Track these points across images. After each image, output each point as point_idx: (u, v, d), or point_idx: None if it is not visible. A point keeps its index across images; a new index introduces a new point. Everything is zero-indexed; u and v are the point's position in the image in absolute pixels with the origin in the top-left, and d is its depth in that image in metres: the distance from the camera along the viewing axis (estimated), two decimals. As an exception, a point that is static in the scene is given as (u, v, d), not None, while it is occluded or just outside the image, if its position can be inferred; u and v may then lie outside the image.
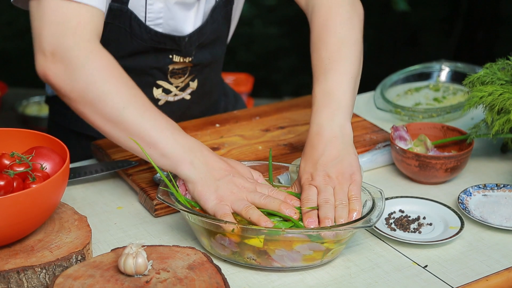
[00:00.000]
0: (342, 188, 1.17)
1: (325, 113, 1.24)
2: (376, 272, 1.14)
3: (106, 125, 1.19)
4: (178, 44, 1.47)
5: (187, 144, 1.18)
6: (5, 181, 1.06)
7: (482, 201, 1.32)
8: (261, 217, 1.12)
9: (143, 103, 1.20)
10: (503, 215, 1.27)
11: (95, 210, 1.30)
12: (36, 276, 1.05)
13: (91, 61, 1.19)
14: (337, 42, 1.30)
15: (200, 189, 1.17)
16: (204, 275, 1.03)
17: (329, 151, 1.21)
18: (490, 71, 1.44)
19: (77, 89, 1.19)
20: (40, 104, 3.65)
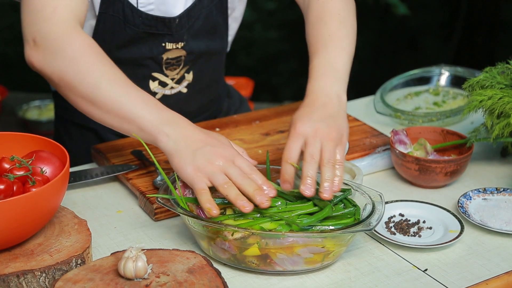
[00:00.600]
0: (330, 146, 1.18)
1: (325, 81, 1.30)
2: (376, 276, 1.14)
3: (86, 105, 1.25)
4: (169, 27, 1.49)
5: (164, 117, 1.20)
6: (5, 185, 1.06)
7: (482, 205, 1.32)
8: (239, 196, 1.12)
9: (118, 79, 1.24)
10: (503, 219, 1.27)
11: (95, 214, 1.30)
12: (36, 280, 1.05)
13: (66, 44, 1.25)
14: (337, 22, 1.38)
15: (177, 160, 1.18)
16: (204, 279, 1.03)
17: (323, 109, 1.24)
18: (489, 75, 1.44)
19: (57, 72, 1.25)
20: (40, 108, 3.65)
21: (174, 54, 1.53)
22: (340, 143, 1.20)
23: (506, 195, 1.34)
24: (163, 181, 1.27)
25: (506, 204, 1.31)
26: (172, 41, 1.51)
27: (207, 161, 1.16)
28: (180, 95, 1.59)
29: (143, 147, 1.44)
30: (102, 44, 1.47)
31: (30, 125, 3.53)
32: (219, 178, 1.14)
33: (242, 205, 1.12)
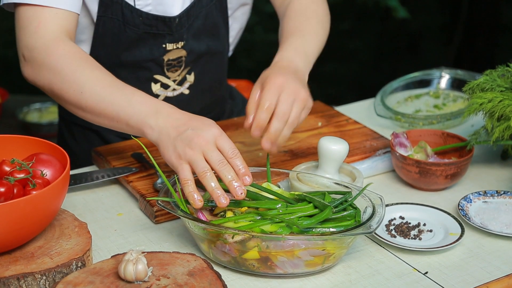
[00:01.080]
0: (298, 106, 1.27)
1: (296, 57, 1.40)
2: (376, 279, 1.14)
3: (76, 110, 1.30)
4: (169, 27, 1.50)
5: (147, 110, 1.22)
6: (6, 188, 1.06)
7: (483, 207, 1.32)
8: (215, 189, 1.13)
9: (100, 81, 1.27)
10: (503, 222, 1.27)
11: (95, 217, 1.30)
12: (36, 282, 1.05)
13: (49, 56, 1.30)
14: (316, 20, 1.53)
15: (162, 150, 1.19)
16: (204, 282, 1.03)
17: (295, 75, 1.33)
18: (490, 78, 1.44)
19: (46, 84, 1.31)
20: (41, 111, 3.65)
21: (174, 55, 1.54)
22: (306, 108, 1.29)
23: (506, 198, 1.34)
24: (163, 184, 1.27)
25: (507, 207, 1.31)
26: (172, 41, 1.52)
27: (187, 146, 1.16)
28: (182, 97, 1.59)
29: (143, 150, 1.44)
30: (102, 48, 1.48)
31: (30, 127, 3.53)
32: (198, 165, 1.15)
33: (217, 198, 1.13)
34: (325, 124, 1.63)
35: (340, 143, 1.29)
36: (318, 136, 1.54)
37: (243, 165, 1.17)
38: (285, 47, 1.43)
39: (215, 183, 1.14)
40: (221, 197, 1.13)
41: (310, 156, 1.48)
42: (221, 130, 1.19)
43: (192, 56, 1.57)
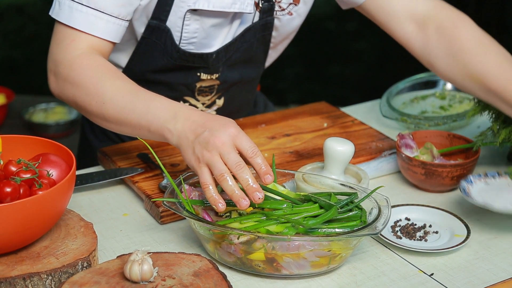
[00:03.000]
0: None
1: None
2: (382, 280, 1.13)
3: (99, 121, 1.32)
4: (206, 62, 1.50)
5: (165, 113, 1.22)
6: (12, 188, 1.06)
7: (484, 188, 1.30)
8: (235, 192, 1.11)
9: (120, 91, 1.27)
10: (508, 199, 1.25)
11: (101, 217, 1.30)
12: (42, 282, 1.05)
13: (73, 71, 1.31)
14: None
15: (183, 154, 1.19)
16: (209, 282, 1.03)
17: None
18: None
19: (70, 98, 1.33)
20: (46, 111, 3.66)
21: (207, 83, 1.54)
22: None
23: (508, 179, 1.32)
24: (169, 184, 1.27)
25: (509, 187, 1.29)
26: (207, 72, 1.52)
27: (204, 149, 1.15)
28: None
29: (149, 150, 1.44)
30: (140, 64, 1.49)
31: (36, 128, 3.54)
32: (216, 168, 1.13)
33: (237, 201, 1.12)
34: (331, 125, 1.63)
35: (346, 144, 1.29)
36: (324, 137, 1.54)
37: (264, 164, 1.15)
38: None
39: (235, 186, 1.12)
40: (241, 199, 1.12)
41: (315, 157, 1.48)
42: (239, 129, 1.17)
43: (225, 85, 1.57)
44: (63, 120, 3.56)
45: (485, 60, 1.39)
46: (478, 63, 1.39)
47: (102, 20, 1.33)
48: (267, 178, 1.15)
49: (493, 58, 1.38)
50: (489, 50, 1.40)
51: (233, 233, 1.10)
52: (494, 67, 1.37)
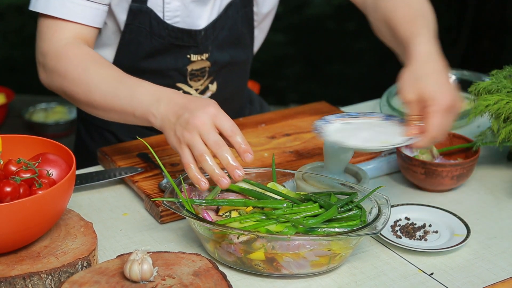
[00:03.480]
0: (450, 121, 1.20)
1: (432, 46, 1.27)
2: (381, 280, 1.13)
3: (88, 108, 1.34)
4: (194, 39, 1.51)
5: (149, 98, 1.24)
6: (12, 187, 1.06)
7: (342, 127, 1.27)
8: (215, 172, 1.13)
9: (106, 78, 1.30)
10: (364, 137, 1.23)
11: (101, 217, 1.30)
12: (42, 282, 1.05)
13: (59, 61, 1.34)
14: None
15: (166, 137, 1.21)
16: (209, 282, 1.03)
17: (442, 76, 1.23)
18: (496, 79, 1.44)
19: (58, 88, 1.36)
20: (46, 110, 3.66)
21: (198, 66, 1.54)
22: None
23: (367, 119, 1.29)
24: (169, 184, 1.27)
25: (368, 126, 1.26)
26: (197, 52, 1.53)
27: (185, 129, 1.16)
28: None
29: (149, 150, 1.44)
30: (127, 54, 1.50)
31: (36, 127, 3.54)
32: (195, 148, 1.15)
33: (217, 181, 1.14)
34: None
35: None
36: (324, 137, 1.54)
37: (244, 142, 1.16)
38: (422, 33, 1.27)
39: (214, 165, 1.14)
40: (221, 178, 1.13)
41: (315, 156, 1.48)
42: (219, 109, 1.18)
43: (216, 67, 1.57)
44: (63, 119, 3.57)
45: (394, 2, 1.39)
46: (388, 4, 1.39)
47: (79, 5, 1.36)
48: (247, 156, 1.16)
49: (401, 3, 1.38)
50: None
51: (233, 232, 1.10)
52: (399, 8, 1.37)
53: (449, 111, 1.18)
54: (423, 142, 1.19)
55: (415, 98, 1.19)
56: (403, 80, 1.21)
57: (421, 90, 1.19)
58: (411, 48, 1.25)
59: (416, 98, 1.19)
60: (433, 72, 1.22)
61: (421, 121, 1.19)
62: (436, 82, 1.20)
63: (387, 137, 1.22)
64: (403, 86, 1.21)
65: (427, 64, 1.23)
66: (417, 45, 1.25)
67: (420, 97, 1.18)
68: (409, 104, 1.20)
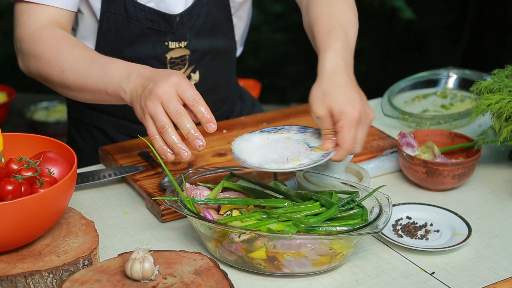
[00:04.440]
0: (363, 133, 1.17)
1: (343, 57, 1.24)
2: (383, 279, 1.13)
3: (64, 91, 1.34)
4: (170, 25, 1.51)
5: (120, 74, 1.24)
6: (13, 186, 1.06)
7: (262, 144, 1.22)
8: (176, 144, 1.14)
9: (78, 58, 1.31)
10: (271, 157, 1.18)
11: (102, 215, 1.30)
12: (43, 280, 1.05)
13: (34, 44, 1.34)
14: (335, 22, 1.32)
15: (135, 110, 1.21)
16: (210, 281, 1.03)
17: (350, 88, 1.19)
18: (497, 78, 1.44)
19: (35, 72, 1.36)
20: (48, 109, 3.66)
21: (177, 53, 1.54)
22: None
23: (284, 133, 1.24)
24: (170, 183, 1.27)
25: (283, 142, 1.22)
26: (174, 39, 1.53)
27: (148, 100, 1.17)
28: None
29: (150, 149, 1.44)
30: (106, 44, 1.50)
31: (38, 126, 3.54)
32: (157, 119, 1.16)
33: (178, 153, 1.15)
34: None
35: (347, 142, 1.29)
36: (325, 136, 1.54)
37: (207, 111, 1.17)
38: (333, 47, 1.25)
39: (176, 137, 1.15)
40: (182, 151, 1.14)
41: (317, 155, 1.48)
42: (182, 78, 1.19)
43: (196, 55, 1.57)
44: (64, 118, 3.56)
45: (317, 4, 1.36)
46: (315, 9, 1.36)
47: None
48: (210, 126, 1.17)
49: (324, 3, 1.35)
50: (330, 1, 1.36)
51: (234, 231, 1.10)
52: (321, 16, 1.34)
53: (358, 124, 1.15)
54: (337, 156, 1.16)
55: (325, 113, 1.16)
56: (312, 95, 1.19)
57: (330, 105, 1.16)
58: (320, 62, 1.24)
59: (326, 113, 1.17)
60: (339, 86, 1.18)
61: (334, 135, 1.17)
62: (343, 96, 1.16)
63: (300, 155, 1.19)
64: (313, 101, 1.18)
65: (334, 78, 1.20)
66: (326, 59, 1.23)
67: (330, 112, 1.16)
68: (319, 119, 1.18)
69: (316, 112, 1.17)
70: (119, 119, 1.65)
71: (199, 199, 1.17)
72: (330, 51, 1.23)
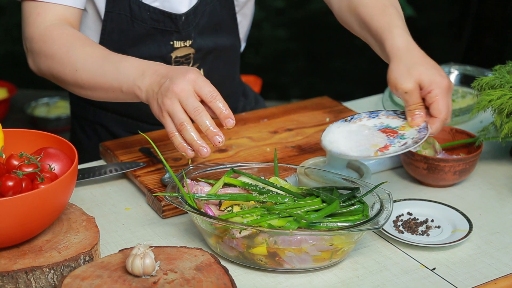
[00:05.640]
0: (450, 100, 1.23)
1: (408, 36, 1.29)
2: (383, 275, 1.13)
3: (76, 90, 1.33)
4: (176, 24, 1.50)
5: (134, 72, 1.24)
6: (14, 182, 1.06)
7: (346, 135, 1.25)
8: (195, 141, 1.15)
9: (91, 57, 1.30)
10: (362, 145, 1.22)
11: (103, 211, 1.30)
12: (44, 276, 1.05)
13: (45, 43, 1.33)
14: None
15: (151, 107, 1.21)
16: (211, 276, 1.03)
17: (430, 61, 1.25)
18: (499, 73, 1.44)
19: (46, 71, 1.35)
20: (48, 105, 3.66)
21: (182, 52, 1.54)
22: None
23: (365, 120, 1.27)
24: (171, 179, 1.27)
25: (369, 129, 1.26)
26: (180, 39, 1.52)
27: (165, 97, 1.17)
28: None
29: (151, 145, 1.44)
30: (110, 44, 1.50)
31: (38, 122, 3.54)
32: (175, 116, 1.16)
33: (198, 150, 1.15)
34: (333, 120, 1.63)
35: (348, 138, 1.29)
36: (326, 132, 1.54)
37: (225, 107, 1.17)
38: (396, 25, 1.29)
39: (195, 134, 1.15)
40: (201, 147, 1.14)
41: (317, 151, 1.48)
42: (199, 74, 1.19)
43: (200, 54, 1.57)
44: (65, 114, 3.57)
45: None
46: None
47: None
48: (228, 122, 1.17)
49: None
50: None
51: (235, 227, 1.10)
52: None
53: (449, 92, 1.20)
54: (435, 128, 1.20)
55: (414, 86, 1.20)
56: (395, 73, 1.22)
57: (418, 77, 1.20)
58: (389, 42, 1.27)
59: (415, 86, 1.20)
60: (421, 59, 1.24)
61: (421, 110, 1.20)
62: (429, 67, 1.22)
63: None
64: (398, 78, 1.21)
65: (412, 53, 1.25)
66: (395, 37, 1.26)
67: (419, 84, 1.19)
68: (408, 94, 1.20)
69: (405, 87, 1.20)
70: (123, 116, 1.65)
71: (200, 195, 1.17)
72: (395, 29, 1.27)
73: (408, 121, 1.23)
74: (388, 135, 1.23)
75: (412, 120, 1.21)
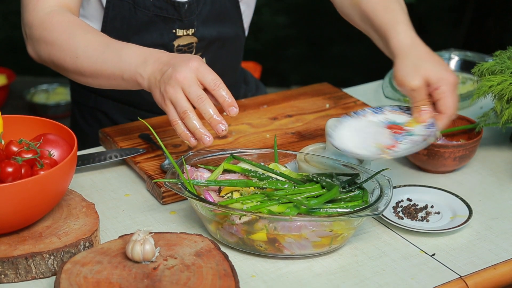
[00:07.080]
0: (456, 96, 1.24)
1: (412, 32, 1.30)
2: (383, 260, 1.14)
3: (77, 77, 1.32)
4: (178, 12, 1.49)
5: (136, 59, 1.23)
6: (13, 168, 1.06)
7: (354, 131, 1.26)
8: (198, 130, 1.14)
9: (92, 44, 1.28)
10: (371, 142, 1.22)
11: (103, 197, 1.30)
12: (44, 262, 1.05)
13: (45, 30, 1.31)
14: None
15: (154, 96, 1.20)
16: (211, 262, 1.03)
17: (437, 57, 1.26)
18: (499, 59, 1.43)
19: (46, 58, 1.33)
20: (48, 92, 3.66)
21: (185, 41, 1.53)
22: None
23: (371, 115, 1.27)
24: (170, 165, 1.27)
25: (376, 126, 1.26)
26: (182, 27, 1.51)
27: (168, 85, 1.16)
28: None
29: (151, 131, 1.44)
30: (112, 32, 1.49)
31: (37, 108, 3.54)
32: (178, 105, 1.15)
33: (200, 138, 1.14)
34: (333, 106, 1.63)
35: (348, 124, 1.28)
36: (326, 118, 1.53)
37: (228, 95, 1.16)
38: (400, 20, 1.30)
39: (198, 123, 1.14)
40: (204, 136, 1.13)
41: (317, 138, 1.48)
42: (201, 62, 1.18)
43: (203, 43, 1.56)
44: (64, 100, 3.56)
45: None
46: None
47: None
48: (232, 110, 1.16)
49: None
50: None
51: (235, 213, 1.10)
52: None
53: (456, 88, 1.21)
54: (443, 124, 1.22)
55: (422, 83, 1.20)
56: (401, 70, 1.22)
57: (425, 74, 1.20)
58: (394, 38, 1.27)
59: (422, 83, 1.20)
60: (427, 55, 1.25)
61: (427, 106, 1.21)
62: (435, 63, 1.22)
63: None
64: (405, 75, 1.22)
65: (418, 49, 1.25)
66: (400, 33, 1.27)
67: (426, 81, 1.20)
68: (416, 91, 1.21)
69: (412, 85, 1.21)
70: (123, 104, 1.64)
71: (200, 181, 1.17)
72: (399, 25, 1.28)
73: (415, 117, 1.24)
74: (395, 132, 1.23)
75: (419, 116, 1.22)
